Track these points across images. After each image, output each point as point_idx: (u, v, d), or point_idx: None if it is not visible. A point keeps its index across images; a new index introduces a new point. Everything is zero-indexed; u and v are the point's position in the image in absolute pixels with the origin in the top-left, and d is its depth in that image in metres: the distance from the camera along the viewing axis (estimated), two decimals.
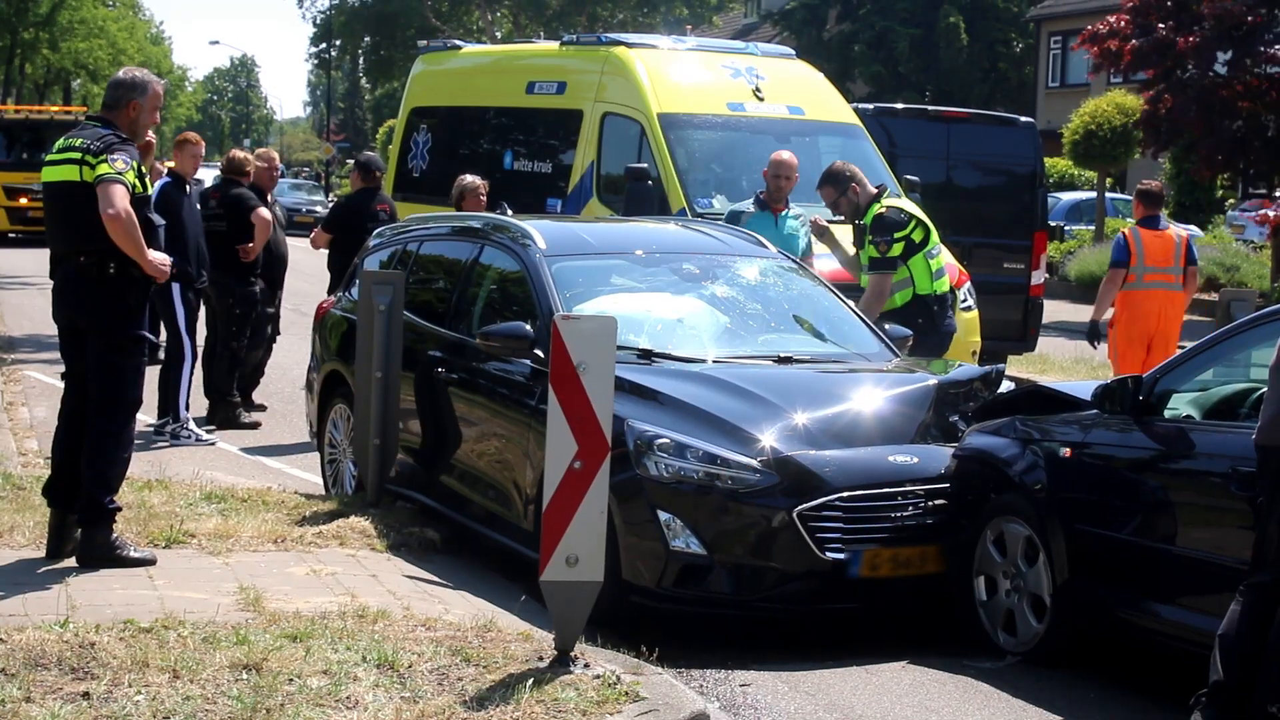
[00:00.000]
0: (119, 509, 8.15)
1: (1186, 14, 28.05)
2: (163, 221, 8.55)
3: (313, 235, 14.81)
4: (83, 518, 8.02)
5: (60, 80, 72.59)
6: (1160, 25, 27.60)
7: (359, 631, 6.89)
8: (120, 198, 7.83)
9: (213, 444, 13.26)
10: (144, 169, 8.21)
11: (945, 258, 12.59)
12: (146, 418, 13.75)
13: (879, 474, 8.12)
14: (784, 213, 11.68)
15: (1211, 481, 7.14)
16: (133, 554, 8.05)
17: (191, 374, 13.37)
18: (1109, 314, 13.33)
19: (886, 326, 10.13)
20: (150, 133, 8.91)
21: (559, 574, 6.69)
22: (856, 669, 7.68)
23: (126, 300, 8.07)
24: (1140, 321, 12.90)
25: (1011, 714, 7.21)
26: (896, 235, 11.04)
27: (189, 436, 13.23)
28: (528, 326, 9.09)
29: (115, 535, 8.06)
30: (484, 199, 13.20)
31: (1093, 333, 13.45)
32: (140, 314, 8.17)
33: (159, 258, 8.09)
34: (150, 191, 8.29)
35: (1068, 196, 38.62)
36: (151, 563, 8.05)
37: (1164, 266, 12.87)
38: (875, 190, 11.42)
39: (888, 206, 11.28)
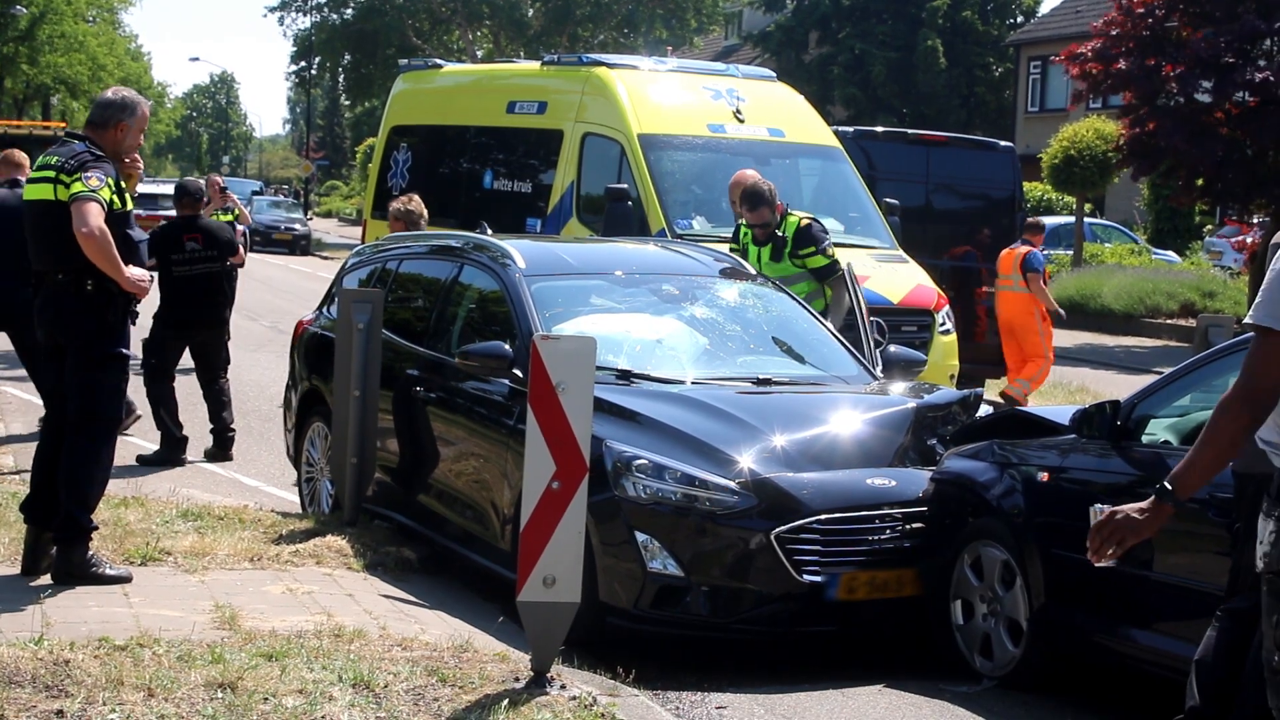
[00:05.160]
0: (95, 527, 8.12)
1: (1166, 44, 28.21)
2: (144, 237, 8.52)
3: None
4: (59, 536, 7.98)
5: (40, 95, 72.38)
6: (1149, 59, 27.79)
7: (335, 651, 6.86)
8: (93, 216, 7.79)
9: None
10: (123, 184, 8.19)
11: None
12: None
13: (857, 497, 8.13)
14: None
15: (1189, 507, 7.12)
16: (108, 571, 8.01)
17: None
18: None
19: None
20: (140, 162, 8.89)
21: (536, 594, 6.68)
22: (833, 692, 7.67)
23: (105, 317, 8.03)
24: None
25: None
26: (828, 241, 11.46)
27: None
28: (506, 346, 9.09)
29: (91, 553, 8.02)
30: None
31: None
32: (120, 331, 8.12)
33: (137, 273, 8.06)
34: (130, 207, 8.26)
35: (1046, 221, 38.70)
36: (127, 580, 8.01)
37: (1005, 274, 17.71)
38: (782, 205, 11.58)
39: (807, 217, 11.55)
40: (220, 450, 13.53)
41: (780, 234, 11.33)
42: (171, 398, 13.32)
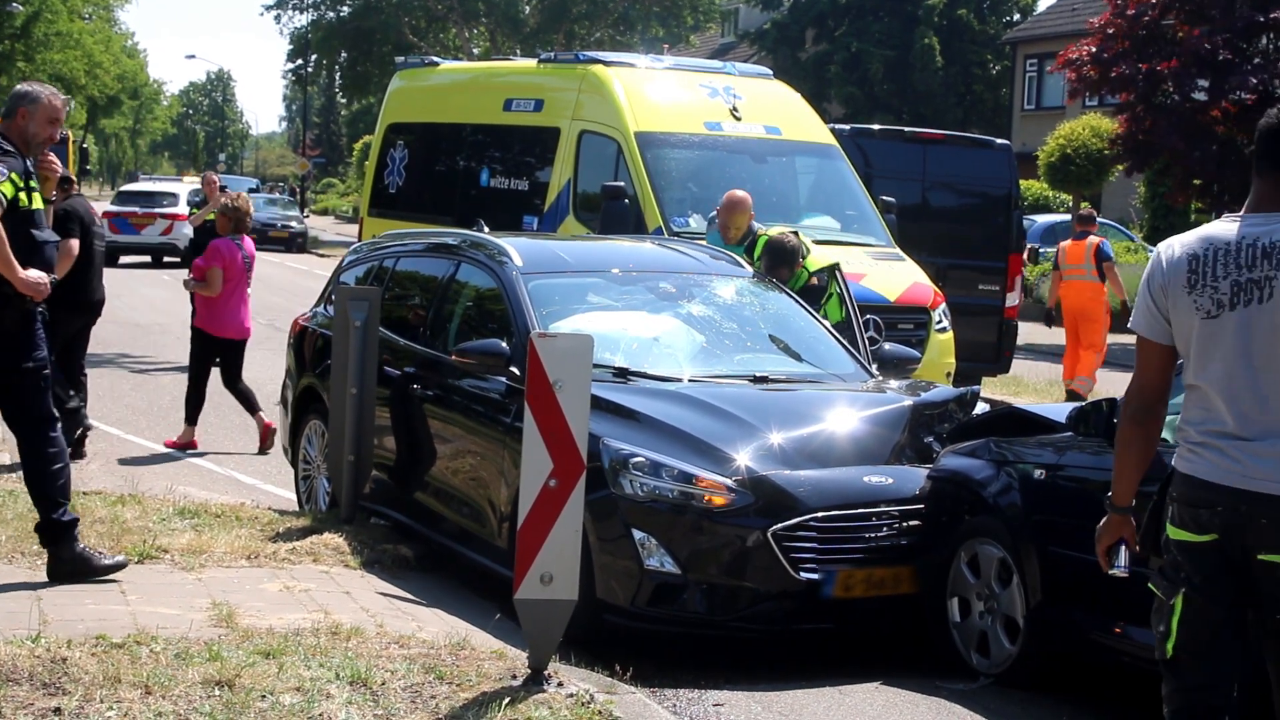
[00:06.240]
0: (75, 519, 8.04)
1: (1162, 43, 28.23)
2: (54, 238, 8.24)
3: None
4: (45, 538, 7.95)
5: None
6: (1141, 62, 27.81)
7: (332, 649, 6.87)
8: None
9: None
10: (33, 183, 7.93)
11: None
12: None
13: (854, 494, 8.13)
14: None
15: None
16: (104, 562, 7.99)
17: None
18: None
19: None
20: (57, 164, 8.73)
21: (533, 592, 6.68)
22: (829, 690, 7.67)
23: (1, 321, 7.79)
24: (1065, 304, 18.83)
25: None
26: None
27: None
28: (504, 344, 9.09)
29: (82, 546, 7.99)
30: None
31: (1047, 317, 19.45)
32: (23, 335, 7.85)
33: (35, 275, 7.77)
34: (37, 206, 7.94)
35: (1043, 219, 38.71)
36: (123, 566, 8.00)
37: (1076, 263, 18.57)
38: (801, 263, 11.09)
39: (818, 275, 11.12)
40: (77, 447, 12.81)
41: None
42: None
